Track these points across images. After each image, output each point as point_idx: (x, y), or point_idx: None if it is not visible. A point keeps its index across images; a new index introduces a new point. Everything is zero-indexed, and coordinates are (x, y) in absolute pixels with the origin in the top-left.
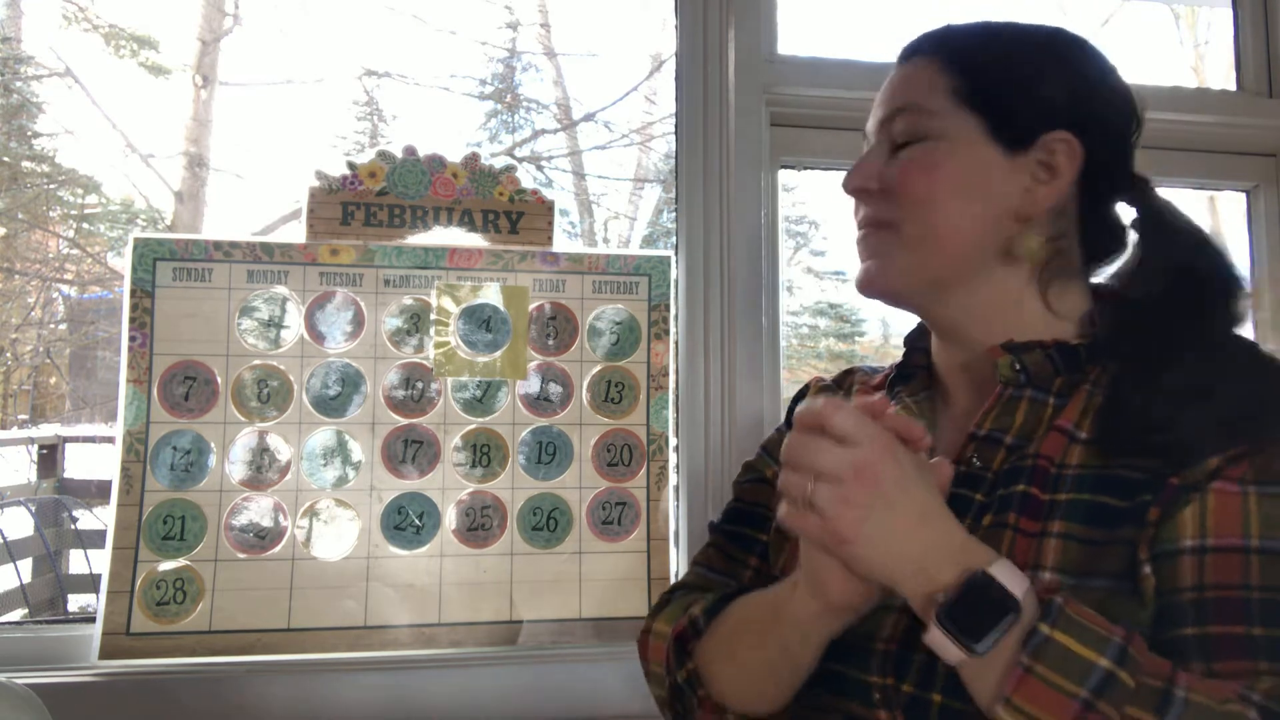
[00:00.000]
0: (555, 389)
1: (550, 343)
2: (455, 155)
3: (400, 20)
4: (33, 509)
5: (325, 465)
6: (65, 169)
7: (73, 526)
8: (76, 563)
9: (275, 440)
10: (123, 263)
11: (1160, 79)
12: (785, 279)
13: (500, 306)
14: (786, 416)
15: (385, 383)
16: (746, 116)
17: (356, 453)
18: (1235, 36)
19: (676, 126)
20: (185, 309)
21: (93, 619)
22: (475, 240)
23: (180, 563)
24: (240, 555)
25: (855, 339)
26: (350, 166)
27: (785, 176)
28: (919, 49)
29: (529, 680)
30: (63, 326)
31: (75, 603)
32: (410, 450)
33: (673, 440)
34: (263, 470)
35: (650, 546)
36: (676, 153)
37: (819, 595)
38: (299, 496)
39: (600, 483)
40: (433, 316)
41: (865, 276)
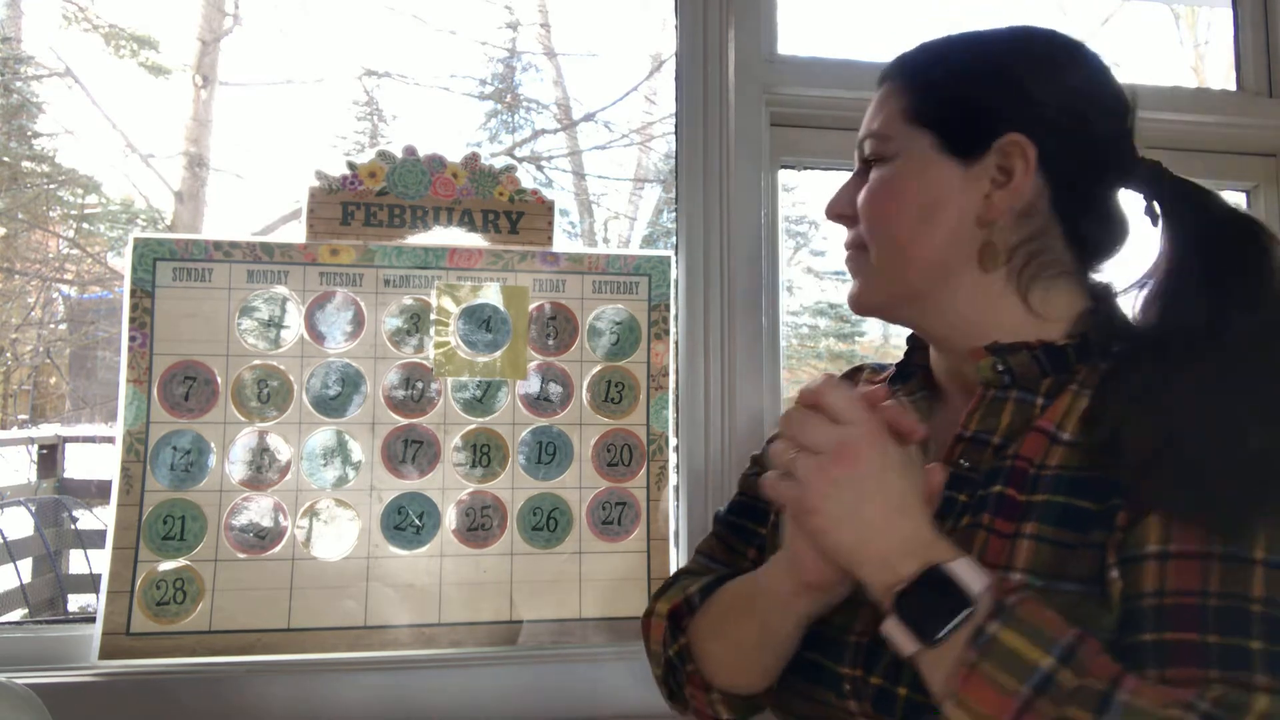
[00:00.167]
0: (555, 389)
1: (550, 343)
2: (455, 155)
3: (400, 20)
4: (33, 509)
5: (325, 465)
6: (65, 169)
7: (73, 526)
8: (76, 563)
9: (275, 440)
10: (123, 263)
11: (1160, 79)
12: (785, 279)
13: (500, 306)
14: None
15: (385, 383)
16: (746, 116)
17: (356, 453)
18: (1235, 36)
19: (676, 126)
20: (185, 309)
21: (93, 619)
22: (475, 240)
23: (180, 563)
24: (240, 555)
25: (855, 339)
26: (350, 166)
27: (785, 176)
28: (887, 74)
29: (529, 680)
30: (63, 326)
31: (75, 603)
32: (410, 450)
33: (673, 440)
34: (263, 470)
35: (650, 546)
36: (676, 153)
37: (794, 572)
38: (299, 496)
39: (600, 483)
40: (433, 316)
41: (851, 296)
